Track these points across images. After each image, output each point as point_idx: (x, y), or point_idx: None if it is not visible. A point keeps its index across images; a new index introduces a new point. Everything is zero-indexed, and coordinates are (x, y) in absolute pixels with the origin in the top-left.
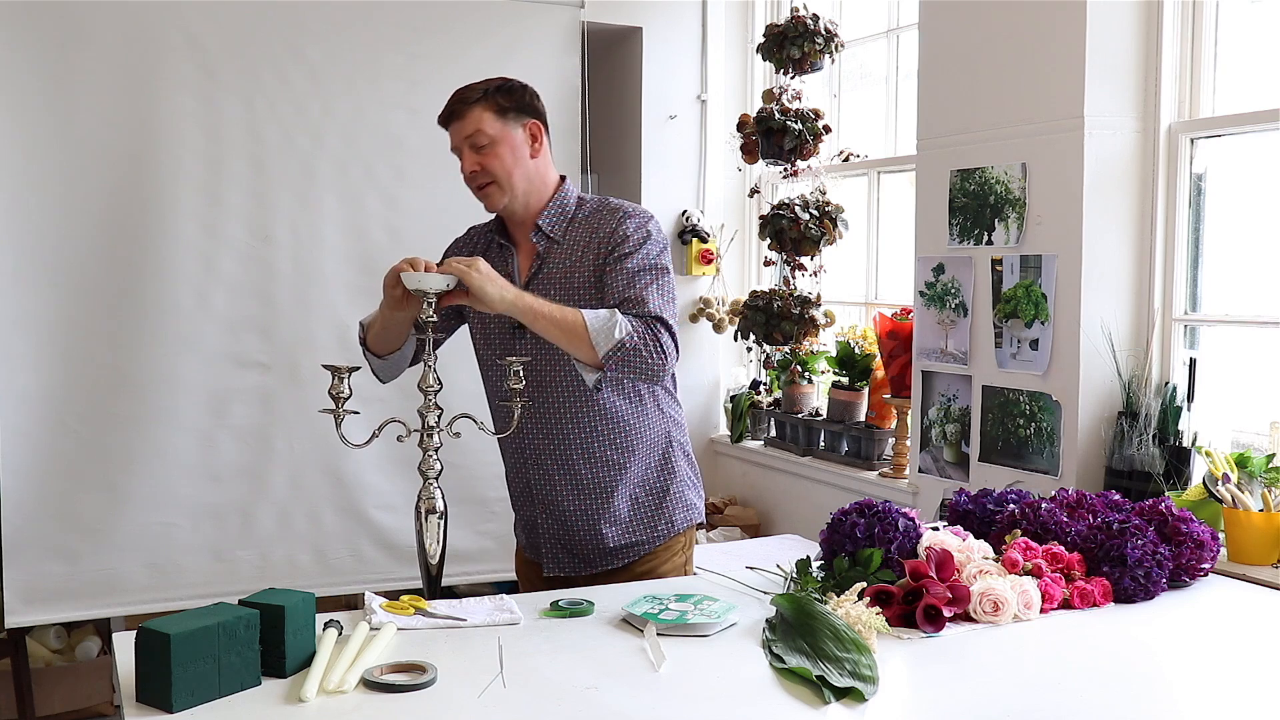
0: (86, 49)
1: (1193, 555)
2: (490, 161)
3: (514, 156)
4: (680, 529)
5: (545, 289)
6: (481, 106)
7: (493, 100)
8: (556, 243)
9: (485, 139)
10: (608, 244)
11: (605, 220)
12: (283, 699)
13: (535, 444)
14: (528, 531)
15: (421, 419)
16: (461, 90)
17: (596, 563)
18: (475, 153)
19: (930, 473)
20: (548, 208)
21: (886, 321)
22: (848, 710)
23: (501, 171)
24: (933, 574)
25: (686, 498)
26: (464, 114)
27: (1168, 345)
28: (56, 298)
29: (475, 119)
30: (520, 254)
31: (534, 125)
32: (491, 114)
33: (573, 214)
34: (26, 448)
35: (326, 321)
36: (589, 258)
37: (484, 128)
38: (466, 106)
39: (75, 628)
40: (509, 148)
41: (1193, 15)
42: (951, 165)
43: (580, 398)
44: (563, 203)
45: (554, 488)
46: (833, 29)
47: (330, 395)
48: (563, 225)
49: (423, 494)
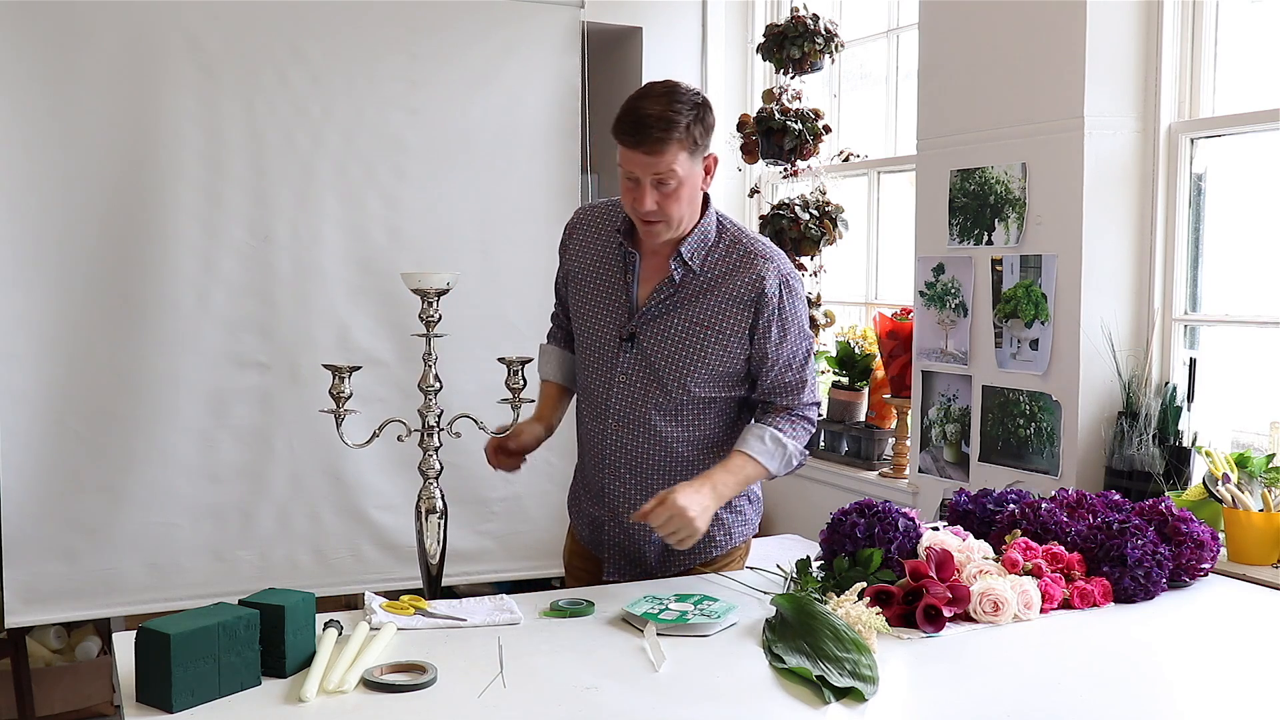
0: (86, 49)
1: (1193, 555)
2: (671, 205)
3: (692, 198)
4: (737, 543)
5: (668, 317)
6: (680, 144)
7: (691, 136)
8: (694, 273)
9: (675, 180)
10: (749, 295)
11: (745, 265)
12: (283, 699)
13: (618, 458)
14: (592, 528)
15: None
16: (660, 118)
17: (655, 572)
18: (658, 190)
19: (930, 473)
20: (692, 234)
21: (886, 321)
22: (848, 710)
23: (678, 215)
24: (933, 574)
25: (746, 513)
26: (661, 150)
27: (1168, 345)
28: (57, 298)
29: (671, 157)
30: (645, 265)
31: (712, 160)
32: (687, 153)
33: (713, 242)
34: (26, 448)
35: (326, 321)
36: (723, 300)
37: (677, 168)
38: (666, 142)
39: (75, 628)
40: (691, 188)
41: (1193, 15)
42: (951, 165)
43: (678, 421)
44: (705, 230)
45: (627, 502)
46: (833, 29)
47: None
48: (702, 254)
49: (423, 494)
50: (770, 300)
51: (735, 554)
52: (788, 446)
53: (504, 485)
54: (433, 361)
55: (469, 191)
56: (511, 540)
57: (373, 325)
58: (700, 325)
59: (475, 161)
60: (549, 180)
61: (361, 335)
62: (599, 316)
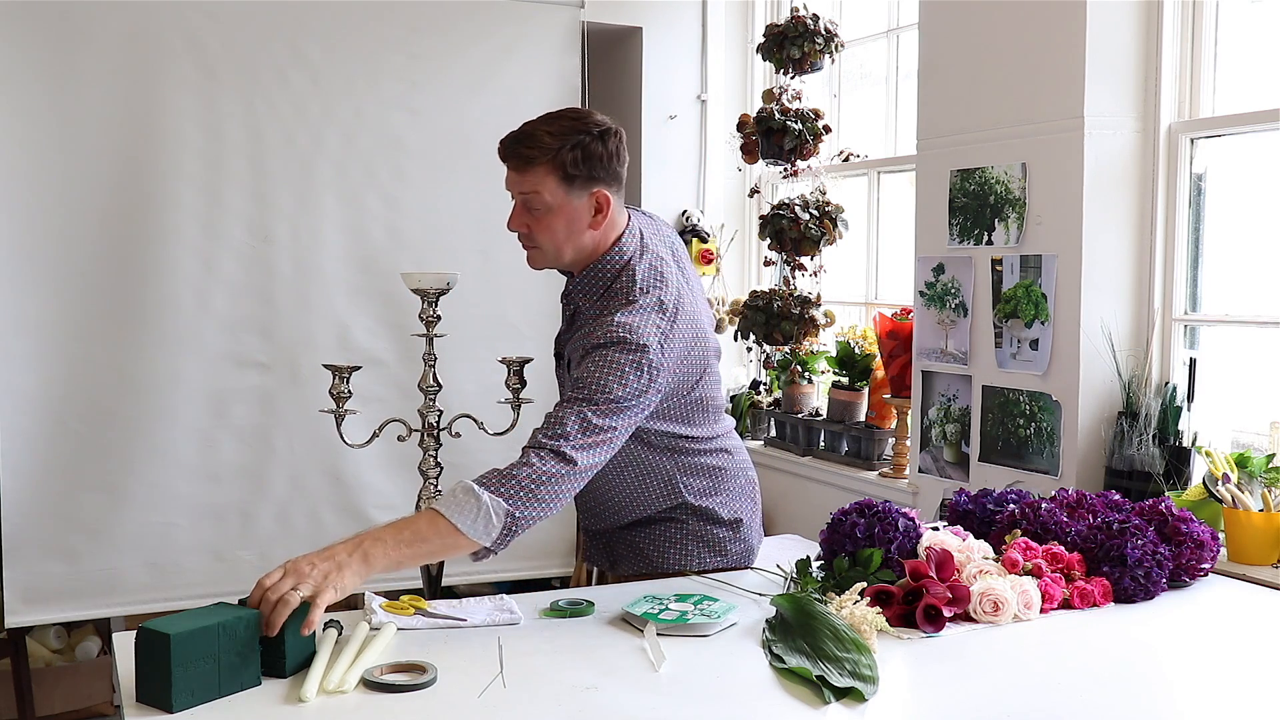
0: (86, 49)
1: (1193, 555)
2: (541, 231)
3: (568, 230)
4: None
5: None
6: (547, 167)
7: (561, 162)
8: (581, 311)
9: (542, 205)
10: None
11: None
12: (283, 699)
13: None
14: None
15: (421, 419)
16: (532, 133)
17: (622, 566)
18: (527, 212)
19: (930, 473)
20: (584, 273)
21: (886, 321)
22: (848, 710)
23: (550, 243)
24: (933, 574)
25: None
26: (524, 168)
27: (1168, 345)
28: (56, 298)
29: (536, 179)
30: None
31: (604, 198)
32: (556, 180)
33: (607, 284)
34: (26, 448)
35: (326, 321)
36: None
37: (543, 192)
38: (531, 161)
39: (75, 628)
40: (565, 219)
41: (1193, 15)
42: (951, 165)
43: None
44: (599, 271)
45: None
46: (833, 29)
47: (331, 395)
48: (594, 296)
49: (423, 494)
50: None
51: None
52: (481, 498)
53: None
54: (433, 361)
55: (469, 191)
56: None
57: (373, 325)
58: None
59: (475, 161)
60: None
61: (361, 335)
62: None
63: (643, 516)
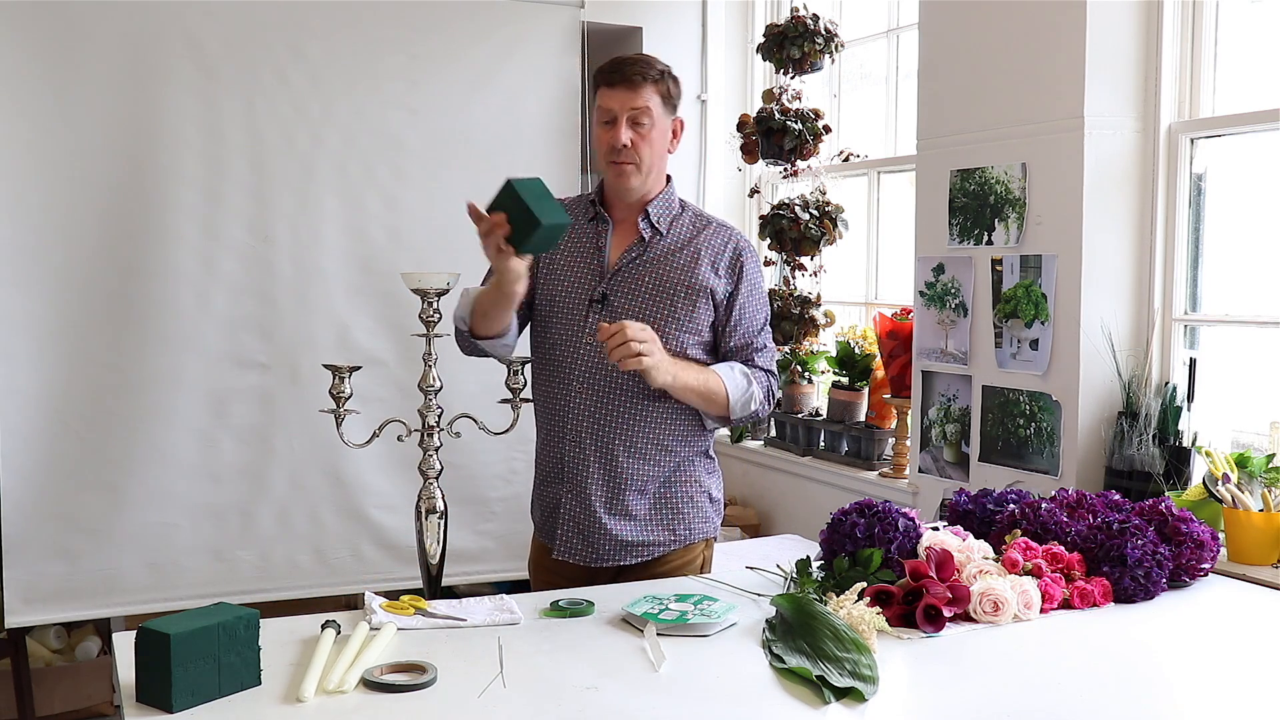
0: (86, 49)
1: (1193, 555)
2: (642, 145)
3: (661, 146)
4: (696, 539)
5: (638, 276)
6: (655, 86)
7: (665, 84)
8: (660, 235)
9: (649, 120)
10: (725, 262)
11: (716, 233)
12: (283, 699)
13: (581, 422)
14: (546, 512)
15: (421, 419)
16: (637, 60)
17: (607, 555)
18: (633, 129)
19: (930, 473)
20: (657, 199)
21: (886, 321)
22: (848, 710)
23: (648, 158)
24: (933, 574)
25: (706, 510)
26: (637, 86)
27: (1168, 345)
28: (57, 298)
29: (647, 95)
30: (616, 232)
31: (680, 122)
32: (660, 99)
33: (677, 211)
34: (26, 448)
35: (326, 321)
36: (691, 260)
37: (651, 107)
38: (641, 81)
39: (75, 628)
40: (661, 135)
41: (1193, 15)
42: (951, 165)
43: (643, 392)
44: (670, 198)
45: (586, 470)
46: (833, 29)
47: (331, 395)
48: (668, 218)
49: (423, 494)
50: (739, 263)
51: (695, 552)
52: (752, 385)
53: (504, 485)
54: (433, 361)
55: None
56: (511, 540)
57: (373, 325)
58: (669, 283)
59: (475, 161)
60: (548, 180)
61: (361, 335)
62: (567, 283)
63: (672, 465)
